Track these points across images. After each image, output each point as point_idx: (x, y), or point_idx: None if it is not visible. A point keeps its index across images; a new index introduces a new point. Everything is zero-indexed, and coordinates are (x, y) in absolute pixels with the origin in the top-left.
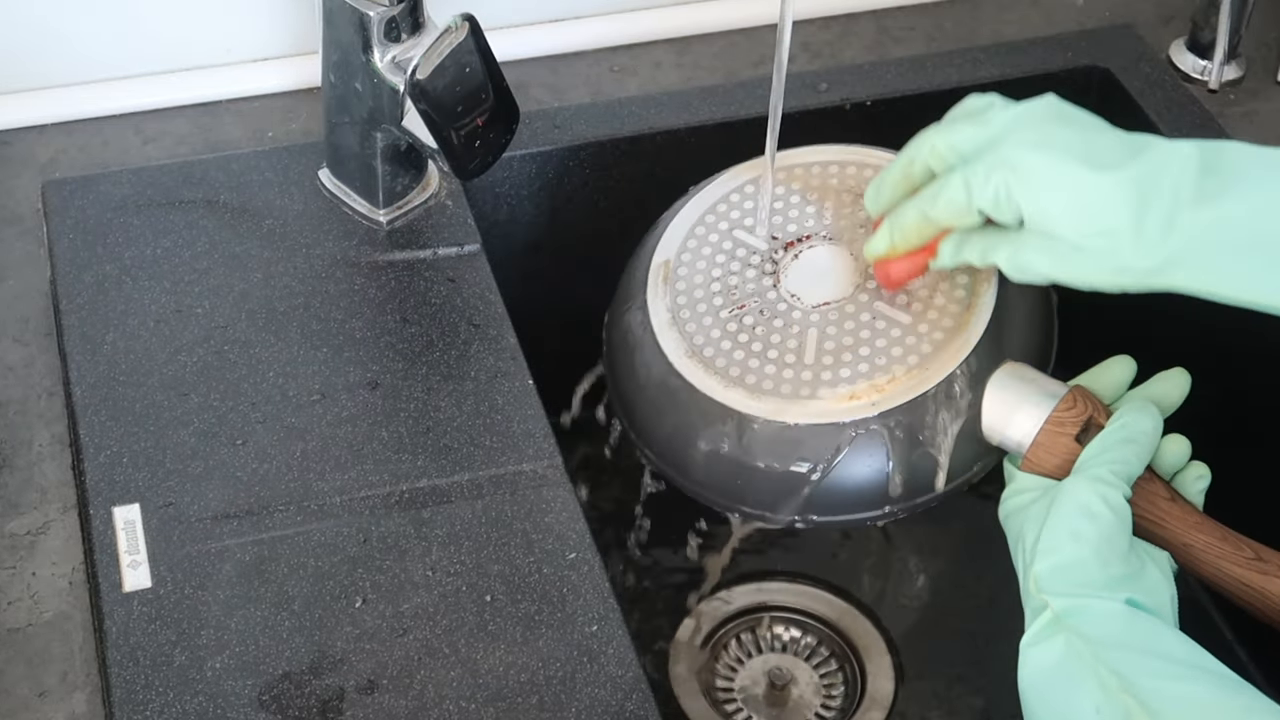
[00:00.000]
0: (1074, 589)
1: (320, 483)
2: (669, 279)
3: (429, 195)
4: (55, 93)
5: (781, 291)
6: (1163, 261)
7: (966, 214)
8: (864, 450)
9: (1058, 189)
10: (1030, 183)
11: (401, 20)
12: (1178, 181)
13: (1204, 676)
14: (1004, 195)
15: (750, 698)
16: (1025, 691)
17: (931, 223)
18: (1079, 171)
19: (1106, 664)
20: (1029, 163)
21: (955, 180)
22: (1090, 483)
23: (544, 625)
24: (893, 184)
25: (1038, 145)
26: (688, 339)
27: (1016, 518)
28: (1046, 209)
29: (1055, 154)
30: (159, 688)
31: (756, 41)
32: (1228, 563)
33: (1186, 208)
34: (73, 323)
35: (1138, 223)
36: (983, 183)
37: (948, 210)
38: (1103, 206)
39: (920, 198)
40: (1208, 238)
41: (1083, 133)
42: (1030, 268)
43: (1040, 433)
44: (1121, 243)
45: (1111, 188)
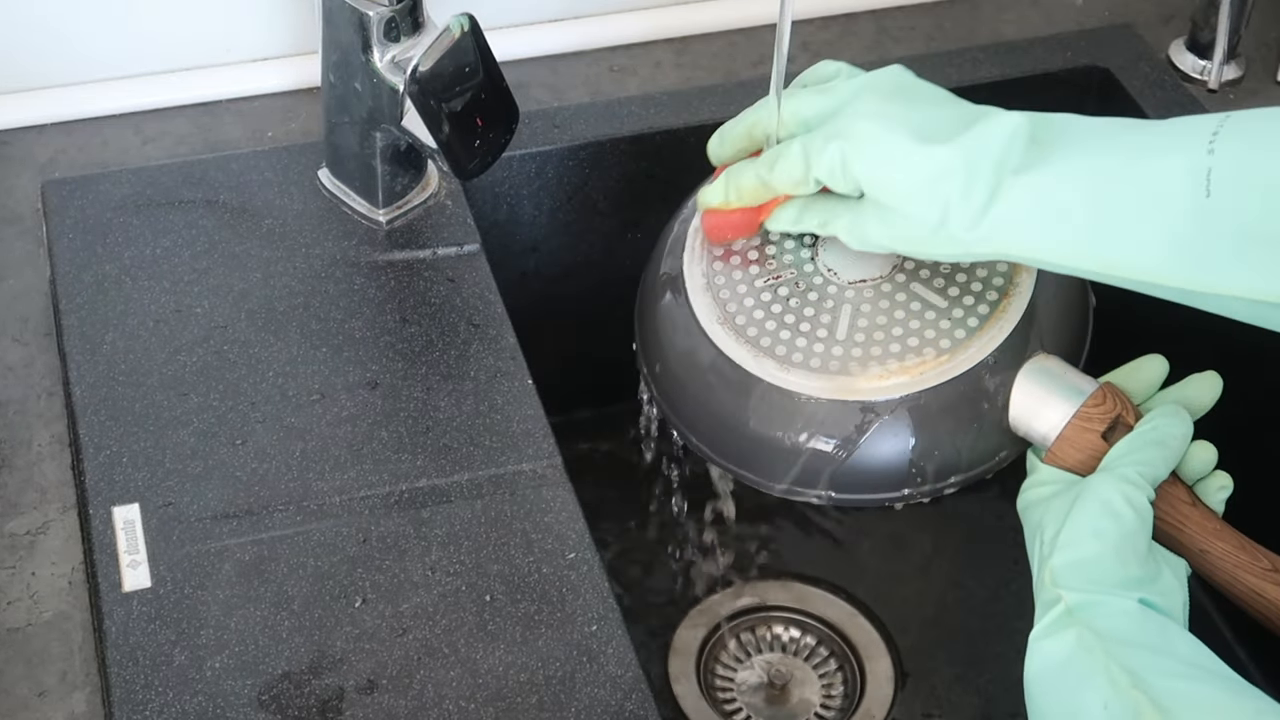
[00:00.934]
0: (1089, 585)
1: (320, 482)
2: (707, 243)
3: (428, 195)
4: (55, 92)
5: (819, 265)
6: (988, 230)
7: (804, 183)
8: (889, 431)
9: (891, 161)
10: (865, 155)
11: (401, 20)
12: (1005, 151)
13: (1214, 678)
14: (840, 166)
15: (750, 698)
16: (1031, 684)
17: (769, 187)
18: (911, 144)
19: (1117, 660)
20: (865, 134)
21: (794, 148)
22: (1116, 482)
23: (543, 625)
24: (735, 139)
25: (875, 117)
26: (720, 305)
27: (1036, 509)
28: (881, 181)
29: (890, 126)
30: (159, 687)
31: (756, 41)
32: (1244, 572)
33: (1009, 177)
34: (72, 322)
35: (965, 193)
36: (819, 152)
37: (785, 178)
38: (933, 178)
39: (760, 161)
40: (1026, 205)
41: (921, 105)
42: (869, 238)
43: (1067, 427)
44: (950, 213)
45: (941, 159)
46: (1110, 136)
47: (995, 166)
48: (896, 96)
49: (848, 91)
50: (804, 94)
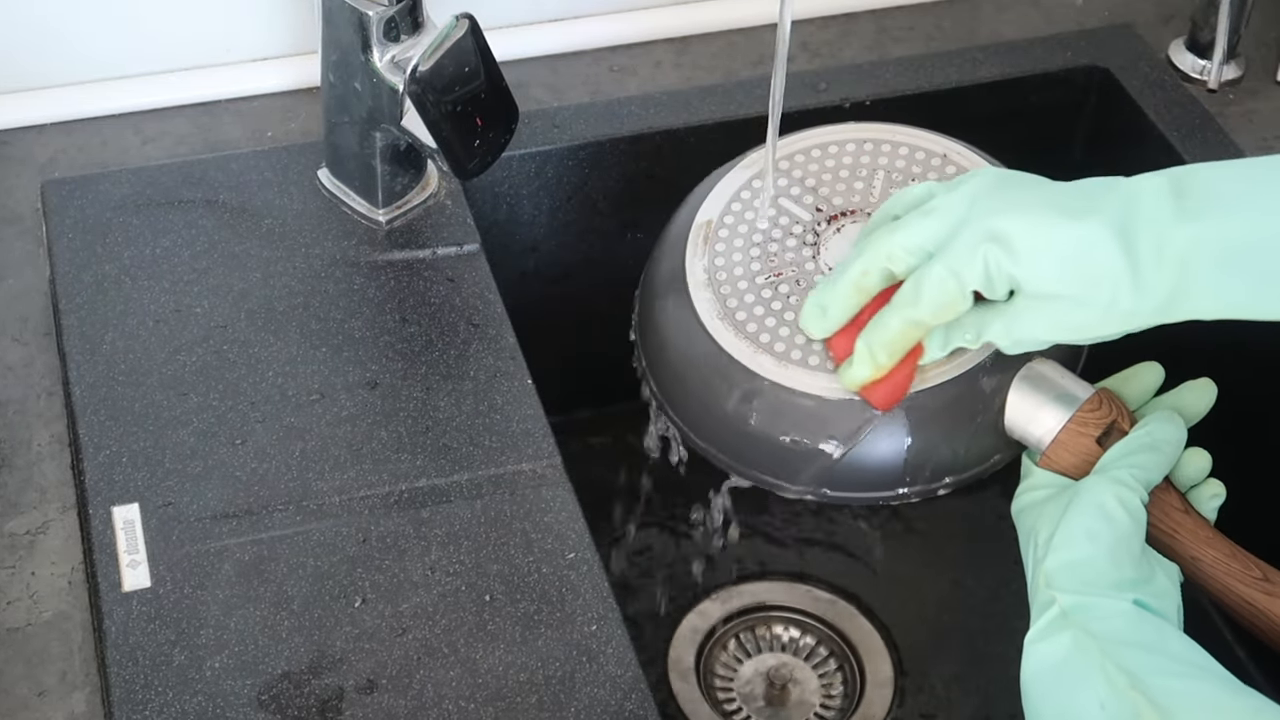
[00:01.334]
0: (1083, 587)
1: (319, 482)
2: (709, 239)
3: (428, 195)
4: (54, 92)
5: (820, 264)
6: (1167, 294)
7: (960, 302)
8: (884, 430)
9: (1047, 246)
10: (1018, 248)
11: (401, 20)
12: (1155, 210)
13: (1211, 677)
14: (995, 269)
15: (750, 697)
16: (1028, 687)
17: (919, 325)
18: (1061, 223)
19: (1114, 661)
20: (1010, 229)
21: (937, 272)
22: (1110, 484)
23: (543, 625)
24: (843, 300)
25: (1012, 210)
26: (721, 301)
27: (1030, 513)
28: (1040, 270)
29: (1032, 213)
30: (158, 687)
31: (756, 41)
32: (1235, 580)
33: (1170, 231)
34: (72, 322)
35: (1130, 260)
36: (968, 264)
37: (937, 305)
38: (1093, 253)
39: (898, 303)
40: (1200, 259)
41: (1042, 189)
42: (1030, 336)
43: (1062, 431)
44: (1120, 286)
45: (1096, 233)
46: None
47: (1151, 226)
48: (1013, 189)
49: (958, 203)
50: (909, 223)
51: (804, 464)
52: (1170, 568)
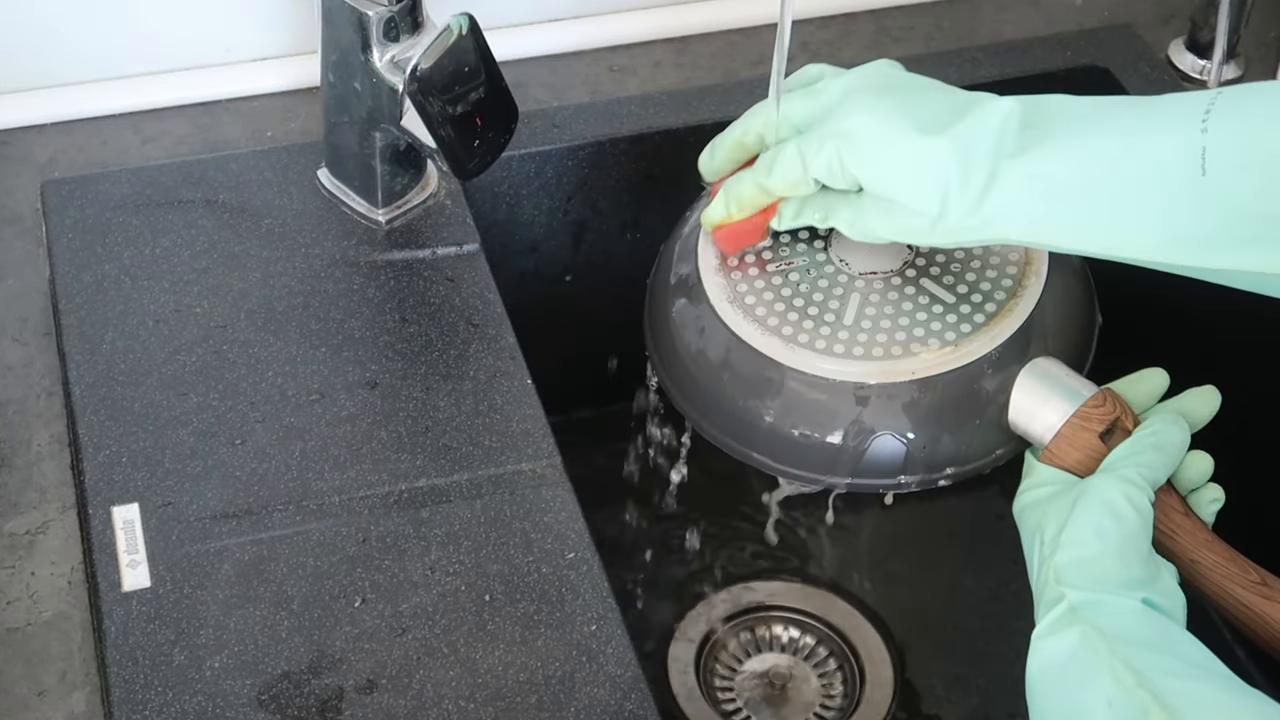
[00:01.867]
0: (1093, 584)
1: (319, 482)
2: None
3: (428, 195)
4: (54, 92)
5: (831, 255)
6: (986, 216)
7: (802, 184)
8: (886, 418)
9: (888, 155)
10: (862, 151)
11: (400, 20)
12: (999, 137)
13: (1217, 678)
14: (837, 164)
15: (749, 697)
16: (1034, 682)
17: (767, 192)
18: (906, 137)
19: (1122, 659)
20: (859, 131)
21: (789, 151)
22: (1118, 482)
23: (543, 625)
24: (726, 151)
25: (867, 112)
26: (732, 285)
27: (1035, 510)
28: (879, 175)
29: (884, 121)
30: (158, 687)
31: (756, 41)
32: (1233, 584)
33: (1005, 161)
34: (72, 322)
35: (962, 182)
36: (816, 152)
37: (784, 181)
38: (931, 169)
39: (756, 169)
40: (1023, 189)
41: (912, 97)
42: (871, 230)
43: (1066, 425)
44: (949, 203)
45: (938, 150)
46: (1103, 117)
47: (990, 153)
48: (886, 90)
49: (837, 90)
50: (792, 97)
51: (803, 446)
52: (1172, 568)
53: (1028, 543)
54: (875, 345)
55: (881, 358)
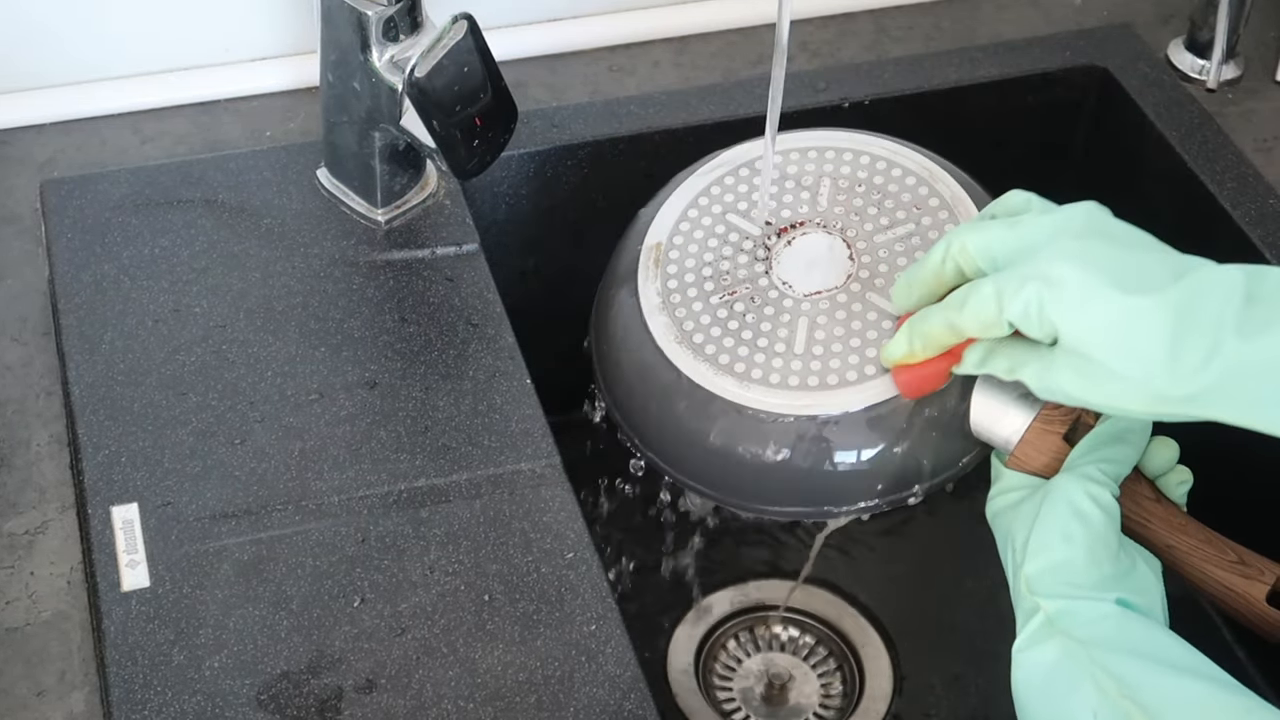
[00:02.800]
0: (1066, 590)
1: (318, 482)
2: (660, 261)
3: (427, 195)
4: (53, 92)
5: (774, 278)
6: (1199, 392)
7: (995, 326)
8: (847, 443)
9: (1092, 310)
10: (1064, 300)
11: (400, 20)
12: (1221, 311)
13: (1200, 678)
14: (1035, 310)
15: (749, 697)
16: (1020, 696)
17: (956, 331)
18: (1116, 293)
19: (1103, 667)
20: (1065, 278)
21: (986, 289)
22: (1080, 481)
23: (542, 624)
24: (924, 282)
25: (1075, 260)
26: (678, 324)
27: (1005, 517)
28: (1080, 330)
29: (1092, 272)
30: (157, 687)
31: (755, 41)
32: (1211, 565)
33: (1229, 340)
34: (71, 322)
35: (1174, 352)
36: (1014, 294)
37: (975, 320)
38: (1139, 333)
39: (947, 305)
40: (1248, 372)
41: (1124, 250)
42: (1060, 389)
43: (1029, 430)
44: (1156, 371)
45: (1149, 313)
46: None
47: (1211, 326)
48: (1097, 238)
49: (1041, 228)
50: (992, 227)
51: (767, 480)
52: (1151, 558)
53: (1001, 548)
54: (829, 373)
55: (837, 385)
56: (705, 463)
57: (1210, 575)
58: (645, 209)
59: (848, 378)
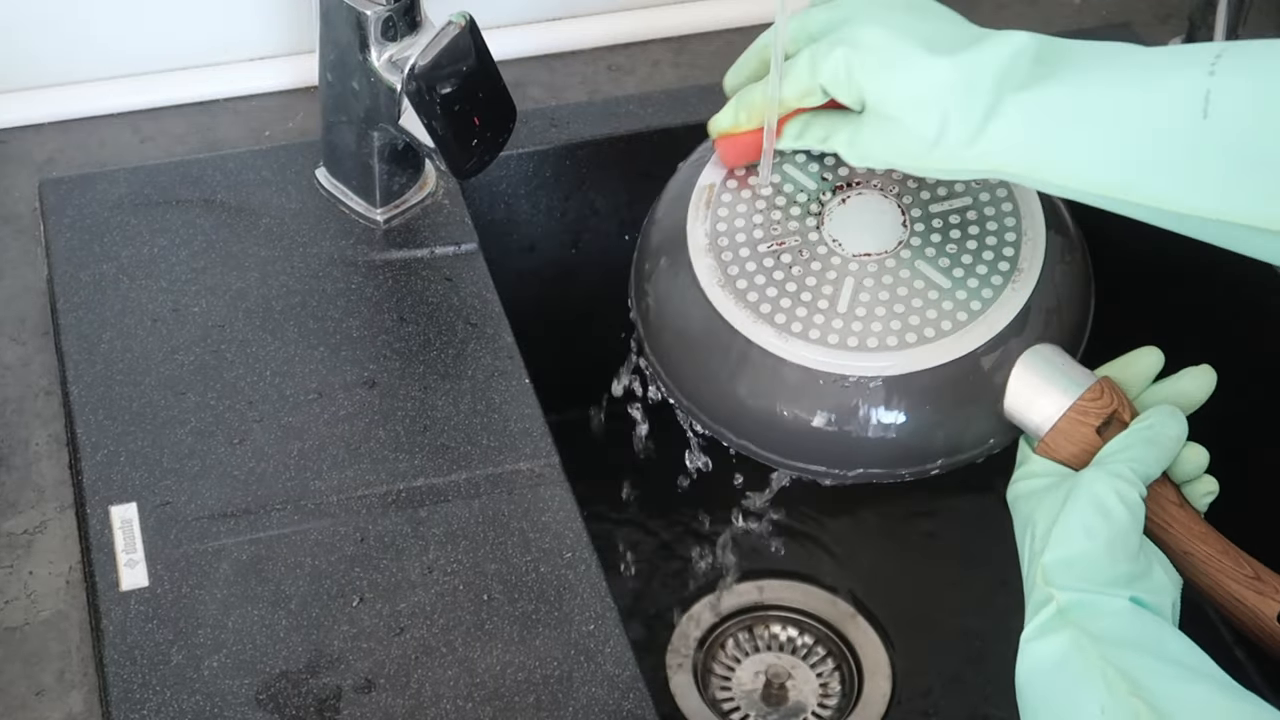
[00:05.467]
0: (1081, 584)
1: (317, 482)
2: (711, 203)
3: (426, 194)
4: (52, 91)
5: (824, 235)
6: (985, 147)
7: (811, 93)
8: (879, 408)
9: (894, 69)
10: (869, 62)
11: (398, 19)
12: (1009, 68)
13: (1209, 681)
14: (844, 73)
15: (748, 697)
16: (1024, 686)
17: (778, 102)
18: (916, 54)
19: (1113, 664)
20: (869, 41)
21: (801, 58)
22: (1109, 478)
23: (541, 624)
24: (748, 65)
25: (881, 25)
26: (722, 268)
27: (1027, 501)
28: (883, 90)
29: (896, 35)
30: (156, 686)
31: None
32: (1226, 577)
33: (1010, 93)
34: (70, 322)
35: (964, 107)
36: (824, 59)
37: (792, 87)
38: (933, 90)
39: (769, 79)
40: (1024, 123)
41: (930, 20)
42: (868, 152)
43: (1062, 419)
44: (949, 128)
45: (944, 71)
46: (1113, 59)
47: (996, 82)
48: (905, 10)
49: (854, 3)
50: (811, 10)
51: (797, 437)
52: (1168, 562)
53: (1019, 533)
54: (869, 335)
55: (876, 348)
56: (732, 409)
57: (1223, 587)
58: (703, 147)
59: (887, 342)
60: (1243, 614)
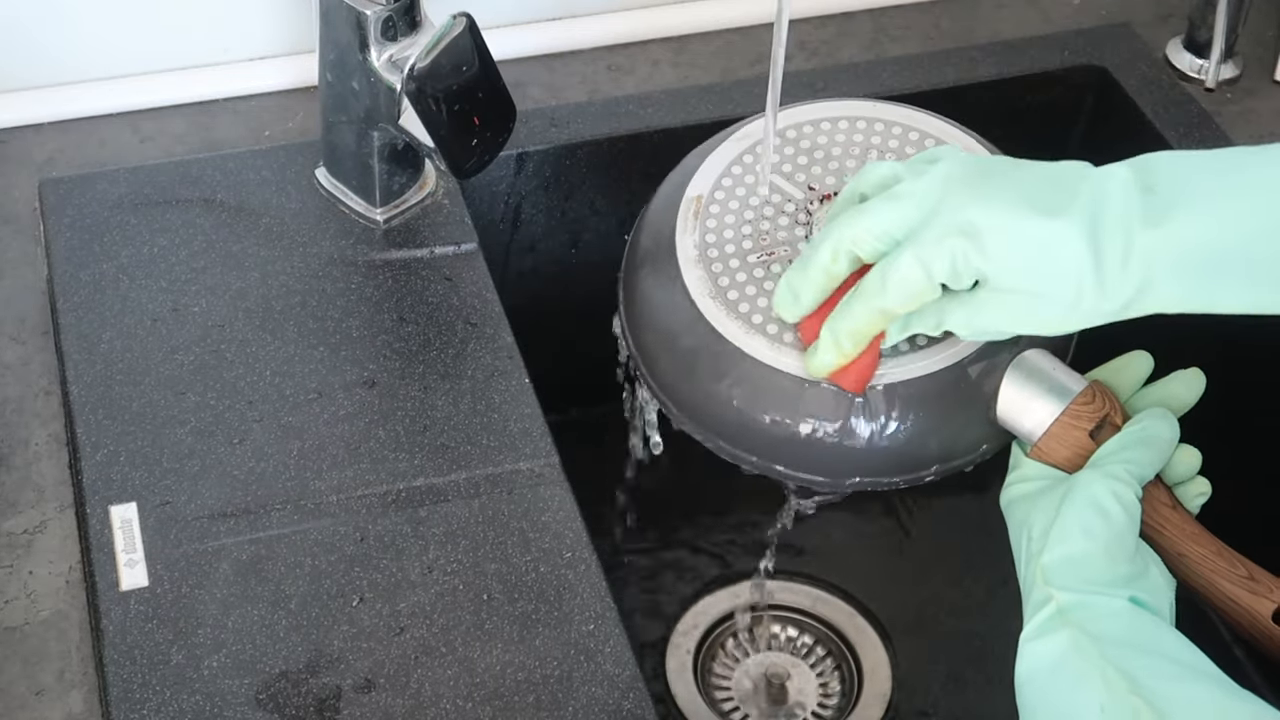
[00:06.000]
0: (1080, 584)
1: (317, 481)
2: (700, 215)
3: (426, 194)
4: (52, 91)
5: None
6: (1131, 294)
7: (928, 292)
8: (869, 417)
9: (1015, 243)
10: (986, 242)
11: (398, 19)
12: (1124, 209)
13: (1209, 680)
14: (962, 263)
15: (748, 697)
16: (1023, 685)
17: (885, 313)
18: (1030, 220)
19: (1113, 663)
20: (980, 223)
21: (905, 262)
22: (1105, 479)
23: (541, 624)
24: (814, 283)
25: (981, 202)
26: (713, 279)
27: (1022, 505)
28: (1007, 266)
29: (1002, 207)
30: (156, 686)
31: (753, 40)
32: (1220, 578)
33: (1138, 235)
34: (70, 321)
35: (1096, 260)
36: (936, 256)
37: (903, 294)
38: (1060, 254)
39: (864, 291)
40: (1166, 259)
41: (1012, 179)
42: (991, 327)
43: (1055, 423)
44: (1085, 285)
45: (1063, 233)
46: (1230, 171)
47: (1120, 227)
48: (983, 177)
49: (930, 187)
50: (878, 207)
51: (787, 445)
52: (1162, 564)
53: (1015, 537)
54: None
55: None
56: (725, 418)
57: (1218, 588)
58: (690, 158)
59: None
60: (1238, 614)
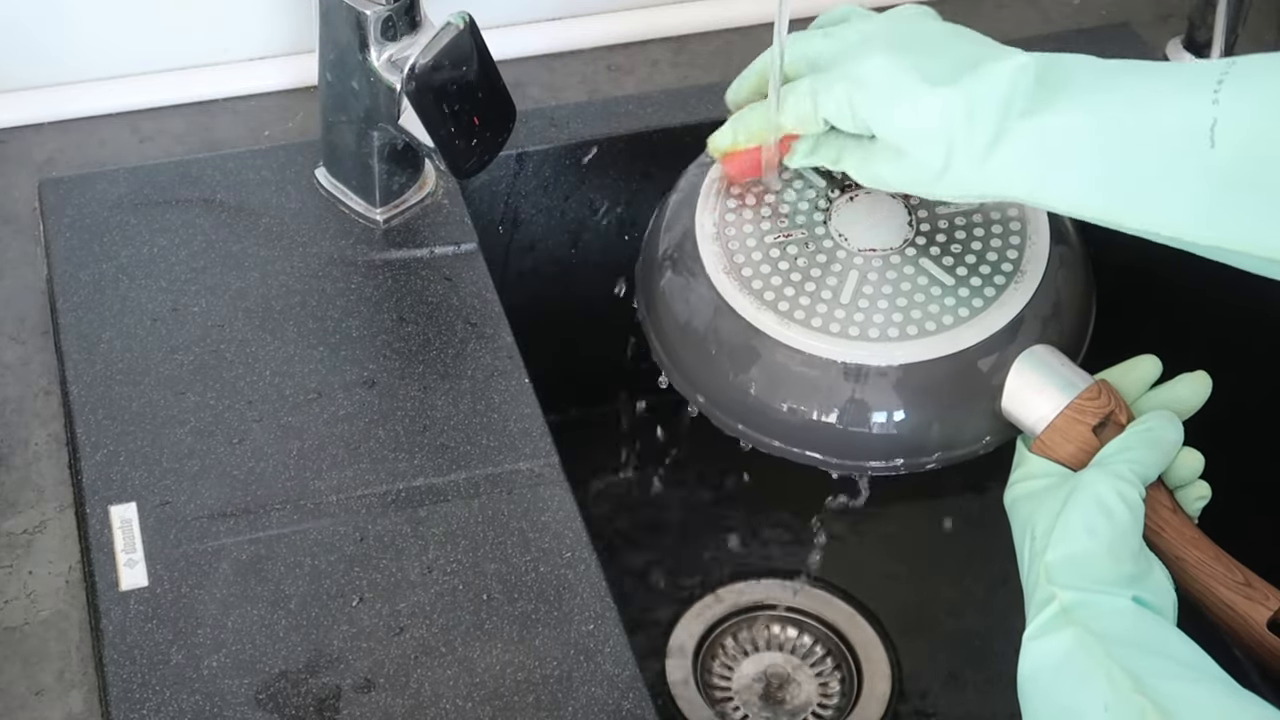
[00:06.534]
0: (1084, 583)
1: (317, 481)
2: (721, 194)
3: (425, 194)
4: (51, 91)
5: (831, 229)
6: (992, 173)
7: (811, 121)
8: (875, 400)
9: (896, 103)
10: (870, 97)
11: (398, 19)
12: (1010, 93)
13: (1213, 680)
14: (847, 107)
15: (747, 697)
16: (1026, 685)
17: (775, 127)
18: (917, 86)
19: (1118, 662)
20: (869, 76)
21: (802, 89)
22: (1110, 478)
23: (541, 624)
24: (748, 81)
25: (882, 58)
26: (729, 255)
27: (1026, 503)
28: (887, 123)
29: (895, 69)
30: (155, 686)
31: (753, 40)
32: (1217, 583)
33: (1014, 119)
34: (69, 321)
35: (968, 135)
36: (826, 91)
37: (793, 117)
38: (936, 121)
39: (768, 104)
40: (1030, 148)
41: (932, 46)
42: (879, 177)
43: (1059, 416)
44: (955, 156)
45: (944, 102)
46: (1114, 82)
47: (999, 109)
48: (907, 39)
49: (857, 33)
50: (813, 35)
51: (788, 422)
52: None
53: (1018, 535)
54: (870, 326)
55: (876, 339)
56: (732, 393)
57: (1214, 593)
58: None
59: (888, 334)
60: (1233, 620)
